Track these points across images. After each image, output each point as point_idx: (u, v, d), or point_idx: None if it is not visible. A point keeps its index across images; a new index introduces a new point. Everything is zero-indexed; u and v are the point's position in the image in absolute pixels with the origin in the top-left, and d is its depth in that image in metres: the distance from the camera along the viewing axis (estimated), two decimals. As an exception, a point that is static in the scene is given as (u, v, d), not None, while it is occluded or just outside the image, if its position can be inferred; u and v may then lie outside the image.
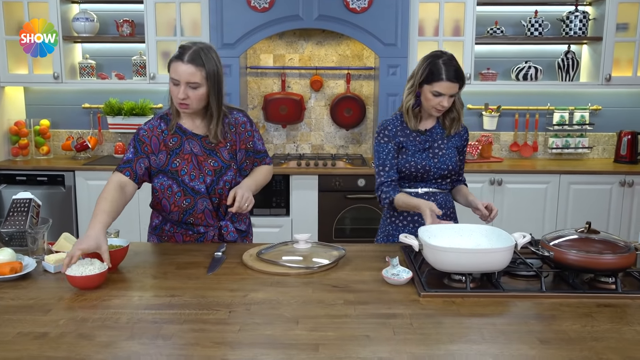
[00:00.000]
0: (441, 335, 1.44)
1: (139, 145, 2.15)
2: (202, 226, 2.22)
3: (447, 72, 2.19)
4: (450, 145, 2.38)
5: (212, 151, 2.17)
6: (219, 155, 2.18)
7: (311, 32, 4.41)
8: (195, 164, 2.15)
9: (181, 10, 4.14)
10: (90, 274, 1.72)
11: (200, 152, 2.16)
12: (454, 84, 2.21)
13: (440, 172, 2.34)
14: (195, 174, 2.15)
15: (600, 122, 4.52)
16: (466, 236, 1.92)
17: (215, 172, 2.17)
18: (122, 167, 2.13)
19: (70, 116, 4.60)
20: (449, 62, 2.21)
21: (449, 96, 2.23)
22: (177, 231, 2.25)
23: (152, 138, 2.15)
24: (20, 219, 2.12)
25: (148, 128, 2.17)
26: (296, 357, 1.33)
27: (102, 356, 1.34)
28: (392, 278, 1.80)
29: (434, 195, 2.37)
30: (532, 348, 1.38)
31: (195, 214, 2.19)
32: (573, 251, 1.77)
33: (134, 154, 2.14)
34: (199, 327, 1.49)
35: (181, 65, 2.02)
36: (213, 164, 2.17)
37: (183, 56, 2.03)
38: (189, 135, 2.17)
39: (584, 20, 4.18)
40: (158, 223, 2.30)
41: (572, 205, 4.08)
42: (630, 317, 1.56)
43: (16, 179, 4.11)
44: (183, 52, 2.05)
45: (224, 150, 2.19)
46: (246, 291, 1.74)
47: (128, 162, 2.13)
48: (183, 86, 2.03)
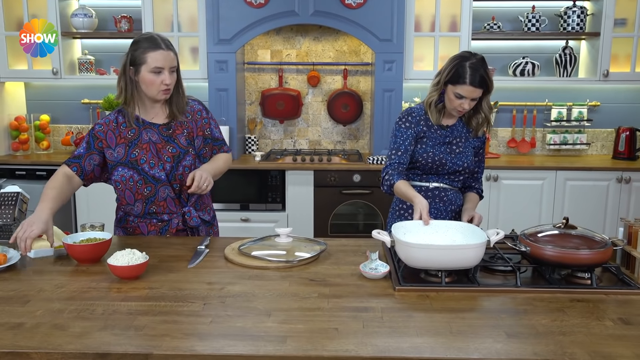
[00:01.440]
0: (409, 329, 1.46)
1: (92, 141, 2.21)
2: (165, 214, 2.27)
3: (472, 76, 2.17)
4: (468, 145, 2.37)
5: (169, 138, 2.23)
6: (176, 142, 2.24)
7: (308, 28, 4.43)
8: (154, 152, 2.20)
9: (178, 6, 4.16)
10: (134, 263, 1.76)
11: (158, 140, 2.21)
12: (476, 89, 2.20)
13: (455, 167, 2.34)
14: (155, 161, 2.20)
15: (598, 118, 4.50)
16: (442, 233, 1.93)
17: (173, 158, 2.22)
18: (71, 161, 2.21)
19: (70, 111, 4.64)
20: (476, 66, 2.19)
21: (471, 99, 2.23)
22: (141, 221, 2.29)
23: (107, 133, 2.20)
24: (7, 212, 2.15)
25: (104, 122, 2.22)
26: (263, 349, 1.35)
27: (74, 346, 1.36)
28: (370, 272, 1.81)
29: (445, 191, 2.37)
30: (497, 342, 1.39)
31: (157, 202, 2.23)
32: (549, 246, 1.78)
33: (86, 149, 2.21)
34: (172, 319, 1.51)
35: (163, 52, 2.11)
36: (171, 150, 2.22)
37: (160, 44, 2.12)
38: (147, 125, 2.22)
39: (581, 15, 4.16)
40: (122, 215, 2.34)
41: (569, 202, 4.07)
42: (601, 312, 1.57)
43: (16, 173, 4.15)
44: (156, 41, 2.12)
45: (181, 137, 2.25)
46: (223, 284, 1.76)
47: (78, 157, 2.21)
48: (167, 72, 2.12)
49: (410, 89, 4.40)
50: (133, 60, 2.12)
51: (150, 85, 2.13)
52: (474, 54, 2.24)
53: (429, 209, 2.30)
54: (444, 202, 2.38)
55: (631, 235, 1.86)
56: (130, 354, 1.34)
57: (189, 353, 1.33)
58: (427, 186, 2.38)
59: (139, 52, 2.11)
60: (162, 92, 2.15)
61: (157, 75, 2.11)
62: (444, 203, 2.38)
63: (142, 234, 2.30)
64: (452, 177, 2.38)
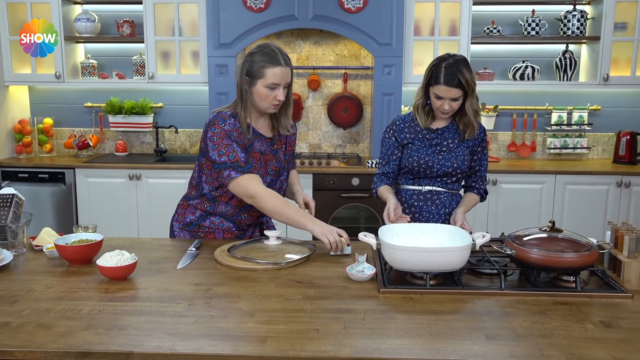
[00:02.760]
0: (389, 330, 1.47)
1: (238, 143, 2.12)
2: (246, 223, 2.30)
3: (446, 76, 2.19)
4: (463, 145, 2.37)
5: (275, 152, 2.25)
6: (278, 157, 2.27)
7: (309, 32, 4.45)
8: (262, 162, 2.21)
9: (179, 10, 4.20)
10: (123, 264, 1.79)
11: (267, 152, 2.22)
12: (452, 89, 2.21)
13: (444, 168, 2.34)
14: (261, 173, 2.19)
15: (599, 122, 4.48)
16: (430, 235, 1.93)
17: (275, 172, 2.25)
18: (248, 167, 2.11)
19: (73, 115, 4.69)
20: (452, 65, 2.20)
21: (451, 100, 2.24)
22: (219, 228, 2.29)
23: (239, 136, 2.14)
24: (2, 213, 2.18)
25: (232, 129, 2.13)
26: (242, 349, 1.37)
27: (57, 345, 1.38)
28: (356, 274, 1.82)
29: (438, 194, 2.39)
30: (475, 343, 1.40)
31: (250, 212, 2.26)
32: (534, 250, 1.78)
33: (243, 151, 2.12)
34: (156, 319, 1.53)
35: (282, 69, 2.08)
36: (275, 164, 2.25)
37: (280, 60, 2.09)
38: (257, 135, 2.21)
39: (582, 19, 4.16)
40: (194, 219, 2.30)
41: (568, 206, 4.06)
42: (583, 315, 1.57)
43: (18, 176, 4.20)
44: (277, 57, 2.09)
45: (280, 152, 2.29)
46: (210, 285, 1.78)
47: (248, 162, 2.12)
48: (282, 88, 2.11)
49: (410, 92, 4.39)
50: (250, 71, 2.10)
51: (264, 99, 2.11)
52: (453, 55, 2.25)
53: (424, 214, 2.37)
54: (436, 205, 2.39)
55: (617, 239, 1.86)
56: (112, 353, 1.36)
57: (169, 352, 1.35)
58: (419, 189, 2.40)
59: (257, 65, 2.08)
60: (273, 106, 2.14)
61: (272, 90, 2.10)
62: (436, 206, 2.39)
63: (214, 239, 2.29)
64: (445, 180, 2.38)
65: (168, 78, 4.31)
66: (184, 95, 4.59)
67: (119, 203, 4.15)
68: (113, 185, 4.16)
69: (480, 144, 2.42)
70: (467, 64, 2.23)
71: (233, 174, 2.08)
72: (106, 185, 4.15)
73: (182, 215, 2.34)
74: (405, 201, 2.42)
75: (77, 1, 4.41)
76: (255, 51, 2.12)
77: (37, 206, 4.14)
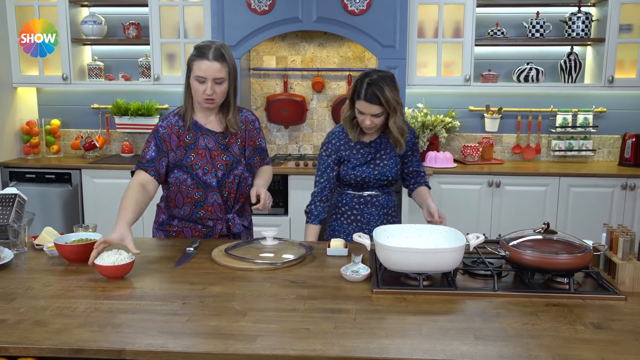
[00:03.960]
0: (379, 330, 1.48)
1: (160, 144, 2.23)
2: (210, 220, 2.32)
3: (365, 92, 2.24)
4: (393, 154, 2.46)
5: (225, 146, 2.27)
6: (230, 151, 2.28)
7: (313, 34, 4.47)
8: (208, 158, 2.24)
9: (184, 12, 4.24)
10: (120, 263, 1.81)
11: (214, 147, 2.25)
12: (372, 106, 2.25)
13: (380, 182, 2.47)
14: (208, 168, 2.24)
15: (605, 125, 4.46)
16: (425, 237, 1.94)
17: (226, 167, 2.27)
18: (146, 165, 2.20)
19: (80, 116, 4.74)
20: (374, 82, 2.24)
21: (372, 116, 2.28)
22: (186, 226, 2.34)
23: (171, 135, 2.22)
24: (4, 213, 2.22)
25: (167, 125, 2.24)
26: (232, 347, 1.38)
27: (51, 342, 1.41)
28: (350, 275, 1.84)
29: (377, 197, 2.51)
30: (464, 344, 1.40)
31: (205, 207, 2.29)
32: (528, 251, 1.78)
33: (157, 152, 2.22)
34: (150, 317, 1.55)
35: (207, 63, 2.11)
36: (225, 158, 2.27)
37: (208, 54, 2.12)
38: (204, 131, 2.25)
39: (586, 21, 4.14)
40: (165, 219, 2.38)
41: (572, 209, 4.04)
42: (575, 316, 1.57)
43: (26, 176, 4.25)
44: (205, 50, 2.13)
45: (235, 146, 2.30)
46: (205, 285, 1.80)
47: (151, 160, 2.21)
48: (210, 82, 2.13)
49: (414, 95, 4.42)
50: (188, 66, 2.18)
51: (195, 92, 2.18)
52: (379, 71, 2.29)
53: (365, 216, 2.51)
54: (376, 207, 2.52)
55: (612, 241, 1.86)
56: (104, 350, 1.38)
57: (160, 350, 1.37)
58: (360, 194, 2.51)
59: (190, 59, 2.17)
60: (204, 100, 2.17)
61: (200, 84, 2.15)
62: (376, 208, 2.52)
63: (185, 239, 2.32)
64: (383, 187, 2.52)
65: (173, 80, 4.35)
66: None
67: (124, 203, 4.19)
68: (118, 186, 4.15)
69: (410, 149, 2.52)
70: (391, 82, 2.27)
71: (134, 168, 2.23)
72: (112, 185, 4.19)
73: (157, 216, 2.42)
74: (346, 204, 2.52)
75: (84, 4, 4.46)
76: (195, 46, 2.20)
77: (44, 206, 4.20)
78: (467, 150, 4.33)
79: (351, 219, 2.51)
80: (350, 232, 2.50)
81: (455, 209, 4.06)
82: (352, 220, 2.51)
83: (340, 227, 2.54)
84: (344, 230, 2.52)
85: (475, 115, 4.54)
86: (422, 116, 4.37)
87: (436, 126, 4.34)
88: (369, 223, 2.49)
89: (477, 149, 4.35)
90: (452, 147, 4.57)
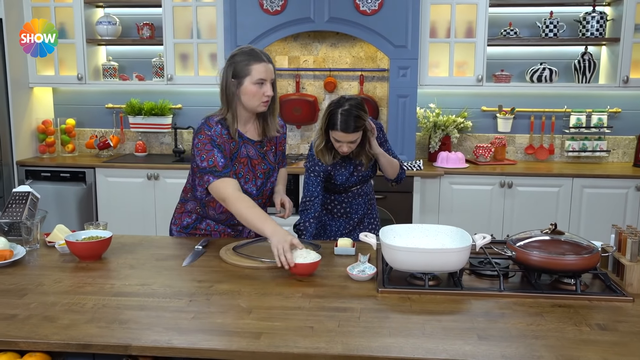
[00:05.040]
0: (383, 329, 1.48)
1: (222, 149, 2.16)
2: (242, 225, 2.32)
3: (342, 123, 2.30)
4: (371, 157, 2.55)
5: (263, 155, 2.28)
6: (267, 159, 2.30)
7: (325, 34, 4.47)
8: (249, 167, 2.24)
9: (197, 13, 4.27)
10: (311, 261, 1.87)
11: (255, 156, 2.25)
12: (348, 134, 2.32)
13: (361, 183, 2.63)
14: (249, 177, 2.24)
15: (619, 125, 4.41)
16: (432, 237, 1.94)
17: (265, 175, 2.29)
18: (225, 172, 2.13)
19: (95, 116, 4.80)
20: (348, 112, 2.30)
21: (348, 142, 2.36)
22: (215, 230, 2.35)
23: (224, 143, 2.17)
24: (17, 210, 2.26)
25: (217, 135, 2.17)
26: (236, 344, 1.40)
27: (59, 337, 1.44)
28: (357, 274, 1.84)
29: (360, 188, 2.65)
30: (467, 343, 1.40)
31: None
32: (535, 252, 1.78)
33: (224, 157, 2.15)
34: (156, 314, 1.57)
35: (266, 65, 2.13)
36: (264, 167, 2.28)
37: (262, 57, 2.13)
38: (245, 140, 2.24)
39: (601, 21, 4.10)
40: (190, 222, 2.37)
41: (585, 210, 4.01)
42: (580, 317, 1.57)
43: (41, 175, 4.32)
44: (258, 53, 2.14)
45: (270, 154, 2.31)
46: (212, 282, 1.82)
47: (226, 166, 2.14)
48: (269, 84, 2.14)
49: (426, 94, 4.41)
50: (236, 72, 2.13)
51: (253, 96, 2.13)
52: (348, 99, 2.34)
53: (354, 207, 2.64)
54: (362, 197, 2.67)
55: (621, 242, 1.84)
56: (111, 345, 1.41)
57: (165, 346, 1.39)
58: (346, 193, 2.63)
59: (242, 64, 2.11)
60: (262, 103, 2.15)
61: (260, 87, 2.12)
62: (362, 197, 2.67)
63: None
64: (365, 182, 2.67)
65: (186, 80, 4.39)
66: (201, 97, 4.66)
67: (137, 202, 4.24)
68: (131, 185, 4.24)
69: (381, 143, 2.56)
70: (362, 108, 2.35)
71: (211, 178, 2.12)
72: (125, 184, 4.24)
73: (179, 219, 2.40)
74: (335, 199, 2.63)
75: (99, 4, 4.52)
76: (235, 53, 2.16)
77: (59, 204, 4.26)
78: (479, 151, 4.31)
79: (341, 213, 2.65)
80: (342, 223, 2.65)
81: (466, 209, 4.05)
82: (342, 214, 2.65)
83: (332, 220, 2.66)
84: (335, 222, 2.66)
85: (487, 116, 4.52)
86: (434, 116, 4.37)
87: (448, 126, 4.33)
88: (357, 212, 2.66)
89: (489, 150, 4.32)
90: (464, 147, 4.55)
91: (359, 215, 2.65)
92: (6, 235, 2.25)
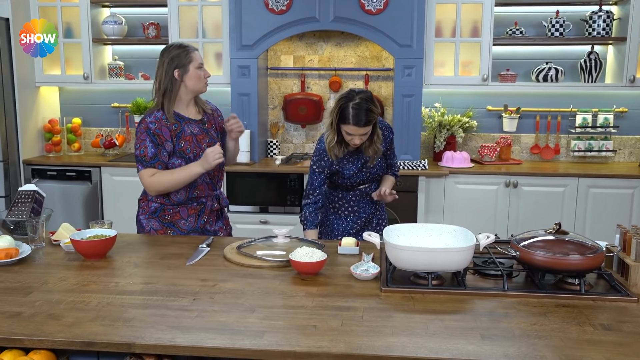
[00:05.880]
0: (386, 328, 1.49)
1: (155, 139, 2.37)
2: (203, 197, 2.49)
3: (355, 117, 2.32)
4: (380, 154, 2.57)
5: (206, 130, 2.50)
6: (210, 134, 2.51)
7: (330, 34, 4.48)
8: (195, 142, 2.44)
9: (203, 13, 4.28)
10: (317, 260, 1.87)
11: (199, 132, 2.47)
12: (360, 128, 2.34)
13: (371, 181, 2.62)
14: (197, 151, 2.43)
15: (626, 125, 4.39)
16: (435, 236, 1.94)
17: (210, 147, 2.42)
18: (152, 163, 2.37)
19: (101, 115, 4.82)
20: (359, 105, 2.32)
21: (360, 135, 2.38)
22: (182, 207, 2.48)
23: (162, 128, 2.38)
24: (23, 209, 2.27)
25: (155, 120, 2.39)
26: (239, 343, 1.40)
27: (63, 334, 1.45)
28: (360, 273, 1.85)
29: (369, 187, 2.64)
30: (470, 343, 1.40)
31: (198, 187, 2.46)
32: (539, 252, 1.77)
33: (155, 147, 2.37)
34: (160, 312, 1.58)
35: (198, 53, 2.44)
36: (208, 140, 2.48)
37: (193, 47, 2.44)
38: (187, 120, 2.45)
39: (607, 20, 4.09)
40: (158, 206, 2.47)
41: (591, 210, 3.99)
42: (584, 317, 1.56)
43: (47, 173, 4.34)
44: (189, 45, 2.44)
45: (212, 130, 2.54)
46: (216, 281, 1.82)
47: (154, 157, 2.37)
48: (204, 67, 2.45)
49: (431, 94, 4.40)
50: (180, 62, 2.36)
51: (198, 79, 2.41)
52: (358, 93, 2.36)
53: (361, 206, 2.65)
54: (369, 196, 2.65)
55: (626, 242, 1.84)
56: (115, 343, 1.42)
57: (168, 344, 1.40)
58: (354, 191, 2.63)
59: (182, 55, 2.37)
60: (205, 84, 2.46)
61: (201, 70, 2.41)
62: (369, 197, 2.66)
63: (181, 219, 2.46)
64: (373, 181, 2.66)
65: (192, 79, 4.39)
66: (206, 96, 4.57)
67: (142, 201, 4.25)
68: (137, 184, 4.21)
69: (389, 145, 2.61)
70: (372, 101, 2.36)
71: (139, 167, 2.39)
72: (131, 183, 4.24)
73: (146, 207, 2.51)
74: (342, 197, 2.63)
75: (105, 4, 4.53)
76: (169, 49, 2.40)
77: (65, 203, 4.28)
78: (484, 150, 4.30)
79: (348, 211, 2.64)
80: (349, 222, 2.64)
81: (471, 209, 4.04)
82: (349, 212, 2.64)
83: (339, 219, 2.66)
84: (342, 221, 2.65)
85: (493, 115, 4.51)
86: (439, 116, 4.36)
87: (453, 126, 4.32)
88: (365, 211, 2.65)
89: (494, 149, 4.31)
90: (470, 147, 4.54)
91: (366, 214, 2.65)
92: (12, 234, 2.26)
